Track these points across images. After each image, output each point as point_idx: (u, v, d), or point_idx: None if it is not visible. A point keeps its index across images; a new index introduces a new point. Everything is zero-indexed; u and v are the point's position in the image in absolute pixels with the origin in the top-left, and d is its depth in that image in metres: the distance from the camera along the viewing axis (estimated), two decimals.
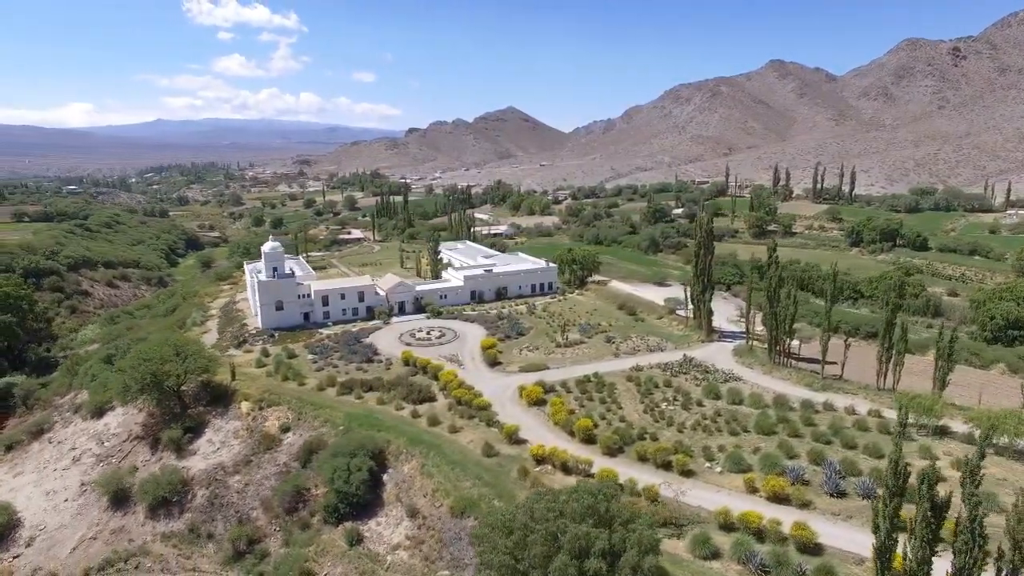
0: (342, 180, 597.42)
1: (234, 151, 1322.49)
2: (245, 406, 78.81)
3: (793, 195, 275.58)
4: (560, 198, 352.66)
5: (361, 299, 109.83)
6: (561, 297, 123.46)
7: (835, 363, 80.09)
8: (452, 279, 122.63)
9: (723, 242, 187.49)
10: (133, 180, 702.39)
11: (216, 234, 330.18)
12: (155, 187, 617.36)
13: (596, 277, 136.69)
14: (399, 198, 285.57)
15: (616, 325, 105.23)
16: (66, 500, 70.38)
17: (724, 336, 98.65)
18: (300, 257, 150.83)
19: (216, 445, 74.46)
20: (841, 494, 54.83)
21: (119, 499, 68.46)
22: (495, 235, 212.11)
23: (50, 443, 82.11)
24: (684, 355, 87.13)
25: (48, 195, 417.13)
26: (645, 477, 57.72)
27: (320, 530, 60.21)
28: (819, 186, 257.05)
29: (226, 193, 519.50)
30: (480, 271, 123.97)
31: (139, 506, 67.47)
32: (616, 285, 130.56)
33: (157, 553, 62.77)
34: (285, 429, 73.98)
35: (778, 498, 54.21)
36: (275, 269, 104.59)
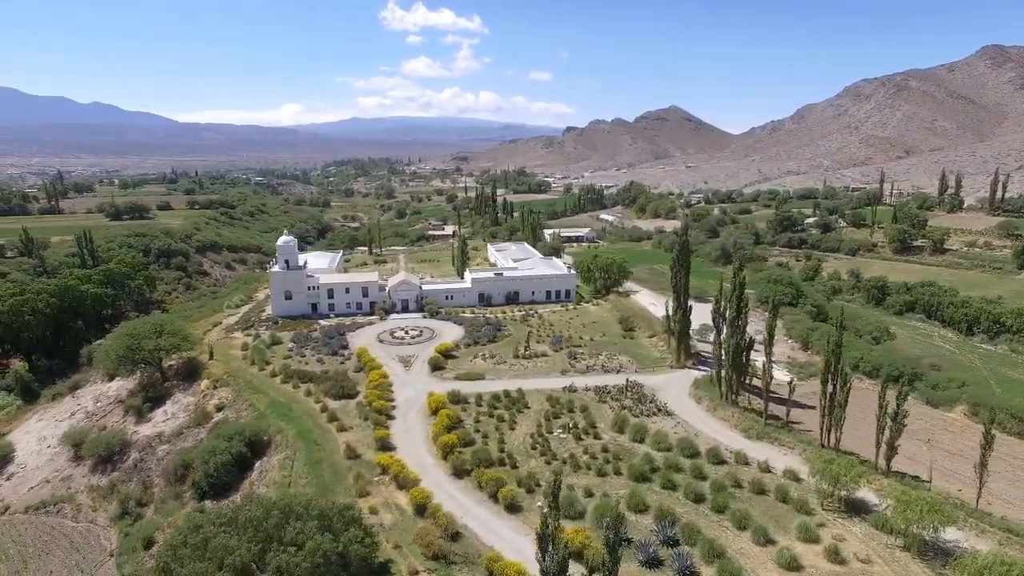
0: (491, 177, 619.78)
1: (416, 147, 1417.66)
2: (204, 384, 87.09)
3: (964, 205, 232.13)
4: (692, 202, 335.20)
5: (365, 294, 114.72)
6: (572, 306, 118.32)
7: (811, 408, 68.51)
8: (465, 280, 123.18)
9: (857, 257, 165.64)
10: (316, 172, 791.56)
11: (356, 224, 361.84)
12: (330, 179, 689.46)
13: (628, 286, 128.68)
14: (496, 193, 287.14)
15: (600, 340, 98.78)
16: (49, 447, 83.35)
17: (706, 363, 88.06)
18: (340, 252, 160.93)
19: (168, 416, 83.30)
20: (656, 563, 47.21)
21: (78, 452, 79.46)
22: (575, 239, 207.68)
23: (72, 398, 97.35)
24: (627, 380, 79.64)
25: (239, 185, 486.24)
26: (467, 504, 54.80)
27: (187, 504, 65.09)
28: (998, 195, 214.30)
29: (385, 186, 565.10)
30: (490, 274, 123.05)
31: (88, 460, 77.84)
32: (638, 297, 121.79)
33: (78, 503, 72.25)
34: (220, 408, 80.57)
35: (579, 555, 48.22)
36: (287, 261, 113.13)
